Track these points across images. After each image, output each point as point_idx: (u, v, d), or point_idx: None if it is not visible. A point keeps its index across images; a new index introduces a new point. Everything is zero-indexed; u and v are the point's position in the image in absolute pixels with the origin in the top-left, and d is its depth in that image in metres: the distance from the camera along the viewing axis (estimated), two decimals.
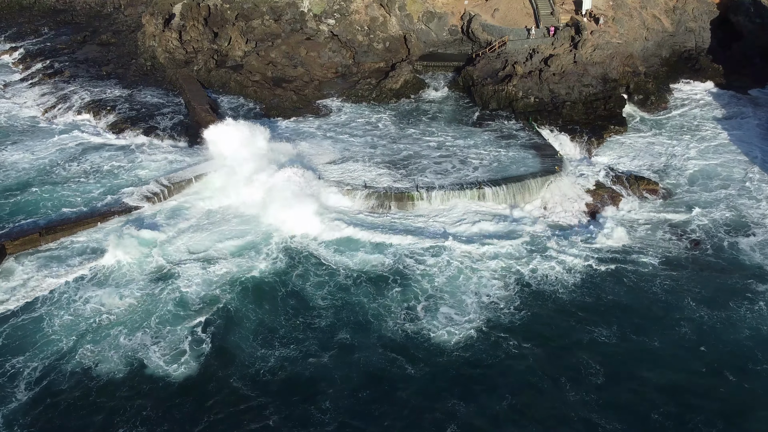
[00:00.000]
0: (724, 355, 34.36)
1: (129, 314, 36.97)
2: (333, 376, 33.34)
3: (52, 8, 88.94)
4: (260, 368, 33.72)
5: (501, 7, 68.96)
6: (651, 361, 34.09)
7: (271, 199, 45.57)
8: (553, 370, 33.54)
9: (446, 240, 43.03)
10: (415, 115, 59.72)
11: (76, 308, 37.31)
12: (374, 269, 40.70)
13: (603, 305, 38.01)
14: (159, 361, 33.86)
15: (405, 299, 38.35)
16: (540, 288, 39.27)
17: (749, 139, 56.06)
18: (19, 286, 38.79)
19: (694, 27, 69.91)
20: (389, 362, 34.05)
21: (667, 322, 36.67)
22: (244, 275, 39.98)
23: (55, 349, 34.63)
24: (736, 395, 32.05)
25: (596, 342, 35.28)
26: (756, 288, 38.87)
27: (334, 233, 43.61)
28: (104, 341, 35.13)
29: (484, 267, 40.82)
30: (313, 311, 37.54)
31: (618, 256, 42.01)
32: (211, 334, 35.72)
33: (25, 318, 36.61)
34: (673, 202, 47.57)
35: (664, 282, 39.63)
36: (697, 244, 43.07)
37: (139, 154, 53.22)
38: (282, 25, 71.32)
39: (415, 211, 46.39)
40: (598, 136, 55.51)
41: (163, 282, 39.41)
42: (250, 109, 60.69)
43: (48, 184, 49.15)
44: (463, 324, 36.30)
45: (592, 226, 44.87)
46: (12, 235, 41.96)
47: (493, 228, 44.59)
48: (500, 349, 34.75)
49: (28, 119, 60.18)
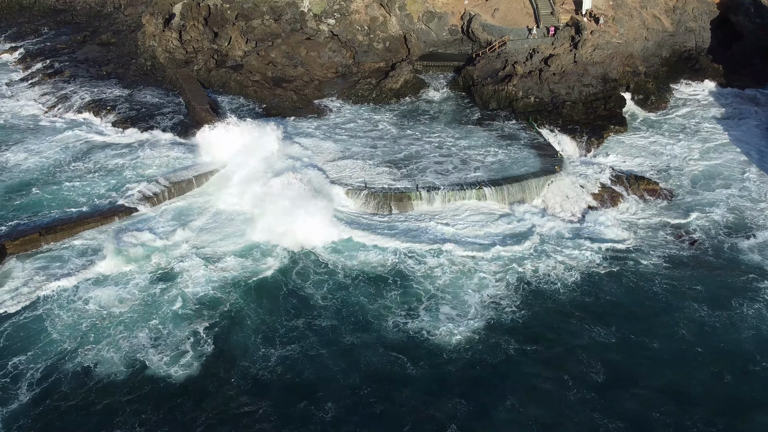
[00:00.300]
0: (725, 355, 34.38)
1: (129, 315, 36.95)
2: (334, 376, 33.36)
3: (52, 8, 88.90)
4: (261, 368, 33.75)
5: (501, 7, 68.97)
6: (651, 362, 34.12)
7: (266, 211, 43.66)
8: (554, 370, 33.56)
9: (446, 241, 42.96)
10: (415, 115, 59.72)
11: (76, 308, 37.28)
12: (375, 270, 40.72)
13: (603, 305, 38.08)
14: (159, 361, 33.85)
15: (406, 299, 38.39)
16: (541, 287, 39.32)
17: (749, 139, 56.06)
18: (20, 287, 38.76)
19: (694, 27, 69.93)
20: (390, 362, 34.08)
21: (667, 322, 36.71)
22: (246, 276, 40.00)
23: (57, 349, 34.58)
24: (736, 396, 32.07)
25: (597, 342, 35.32)
26: (756, 287, 38.89)
27: (336, 235, 43.50)
28: (105, 342, 35.09)
29: (485, 267, 40.84)
30: (313, 311, 37.57)
31: (618, 255, 42.11)
32: (212, 335, 35.70)
33: (26, 318, 36.57)
34: (674, 203, 47.57)
35: (664, 282, 39.66)
36: (694, 242, 43.16)
37: (140, 153, 53.17)
38: (282, 24, 71.32)
39: (415, 211, 46.37)
40: (598, 136, 55.54)
41: (164, 282, 39.41)
42: (251, 109, 60.70)
43: (50, 183, 49.08)
44: (465, 324, 36.33)
45: (593, 226, 44.90)
46: (12, 235, 41.93)
47: (494, 228, 44.66)
48: (501, 349, 34.79)
49: (29, 117, 60.13)
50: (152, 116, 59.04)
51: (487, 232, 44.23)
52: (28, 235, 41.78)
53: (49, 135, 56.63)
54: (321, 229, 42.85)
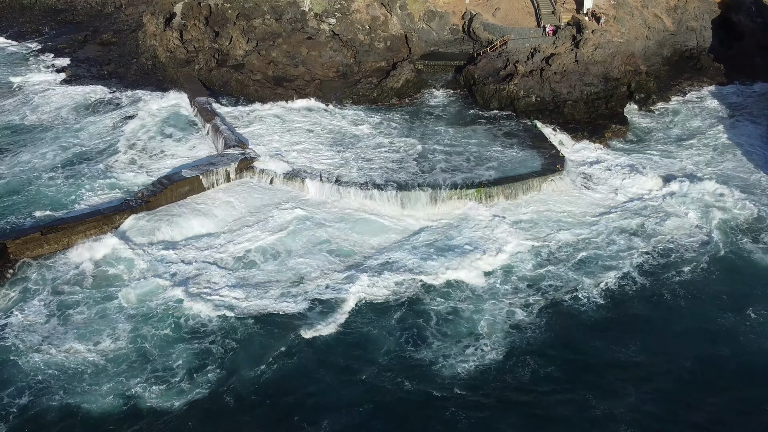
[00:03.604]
0: (754, 366, 33.33)
1: (117, 342, 34.85)
2: (338, 399, 31.84)
3: (53, 8, 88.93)
4: (259, 389, 32.31)
5: (502, 6, 68.91)
6: (676, 375, 33.20)
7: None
8: (576, 387, 32.28)
9: (452, 248, 42.22)
10: (416, 114, 59.63)
11: (60, 334, 35.23)
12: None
13: (621, 316, 36.90)
14: (151, 392, 31.97)
15: (413, 317, 36.88)
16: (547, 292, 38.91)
17: (751, 138, 56.04)
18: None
19: (696, 26, 69.89)
20: (395, 385, 32.48)
21: (689, 330, 35.85)
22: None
23: (39, 380, 32.37)
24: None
25: (619, 356, 34.08)
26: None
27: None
28: (91, 371, 33.03)
29: (495, 277, 39.94)
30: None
31: (625, 257, 41.66)
32: (207, 358, 33.90)
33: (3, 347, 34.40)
34: (676, 203, 47.39)
35: (680, 288, 38.81)
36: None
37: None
38: (283, 24, 71.29)
39: (416, 211, 46.24)
40: (600, 135, 55.51)
41: (154, 300, 37.71)
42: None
43: (53, 180, 49.20)
44: (478, 345, 34.92)
45: (594, 226, 44.80)
46: (13, 235, 41.90)
47: (495, 233, 43.89)
48: (517, 366, 33.45)
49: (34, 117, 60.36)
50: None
51: (488, 235, 44.04)
52: (29, 235, 41.72)
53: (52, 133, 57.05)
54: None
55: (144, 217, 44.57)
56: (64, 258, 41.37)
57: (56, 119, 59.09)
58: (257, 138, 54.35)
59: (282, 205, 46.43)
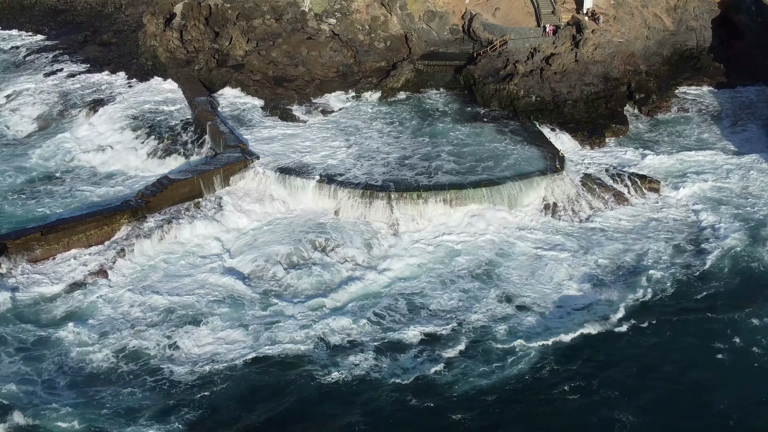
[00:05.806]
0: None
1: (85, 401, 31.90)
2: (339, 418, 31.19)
3: (53, 8, 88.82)
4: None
5: (502, 6, 68.90)
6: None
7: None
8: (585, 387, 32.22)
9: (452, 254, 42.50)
10: (416, 114, 59.57)
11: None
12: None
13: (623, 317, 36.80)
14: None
15: (411, 328, 36.44)
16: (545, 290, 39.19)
17: (751, 138, 56.05)
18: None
19: (696, 26, 69.87)
20: (399, 405, 31.74)
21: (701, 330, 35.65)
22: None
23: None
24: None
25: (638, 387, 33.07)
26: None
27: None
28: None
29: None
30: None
31: (619, 259, 41.84)
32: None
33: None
34: (676, 203, 47.38)
35: (690, 289, 38.75)
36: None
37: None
38: (283, 24, 71.28)
39: (416, 212, 46.19)
40: (600, 135, 55.52)
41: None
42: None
43: (55, 180, 49.39)
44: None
45: (595, 227, 44.82)
46: (13, 235, 41.92)
47: (495, 235, 44.08)
48: (523, 387, 32.67)
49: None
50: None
51: (488, 238, 44.29)
52: (29, 235, 41.73)
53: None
54: None
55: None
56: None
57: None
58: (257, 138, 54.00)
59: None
